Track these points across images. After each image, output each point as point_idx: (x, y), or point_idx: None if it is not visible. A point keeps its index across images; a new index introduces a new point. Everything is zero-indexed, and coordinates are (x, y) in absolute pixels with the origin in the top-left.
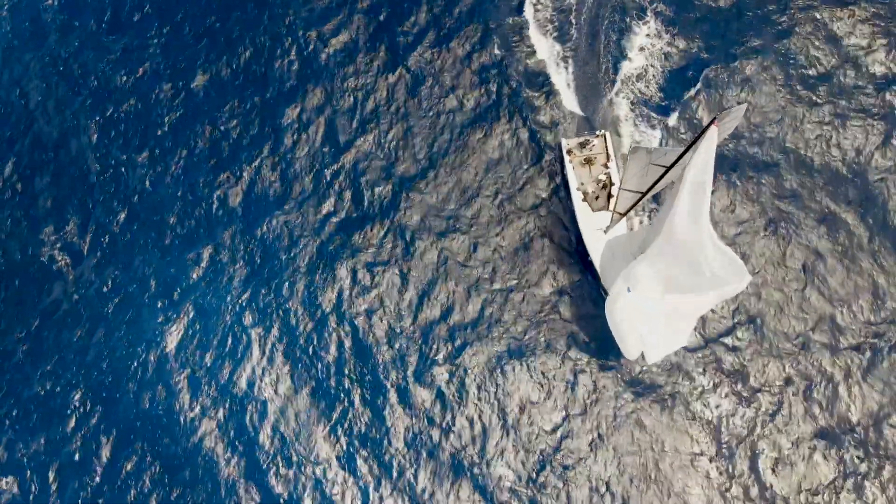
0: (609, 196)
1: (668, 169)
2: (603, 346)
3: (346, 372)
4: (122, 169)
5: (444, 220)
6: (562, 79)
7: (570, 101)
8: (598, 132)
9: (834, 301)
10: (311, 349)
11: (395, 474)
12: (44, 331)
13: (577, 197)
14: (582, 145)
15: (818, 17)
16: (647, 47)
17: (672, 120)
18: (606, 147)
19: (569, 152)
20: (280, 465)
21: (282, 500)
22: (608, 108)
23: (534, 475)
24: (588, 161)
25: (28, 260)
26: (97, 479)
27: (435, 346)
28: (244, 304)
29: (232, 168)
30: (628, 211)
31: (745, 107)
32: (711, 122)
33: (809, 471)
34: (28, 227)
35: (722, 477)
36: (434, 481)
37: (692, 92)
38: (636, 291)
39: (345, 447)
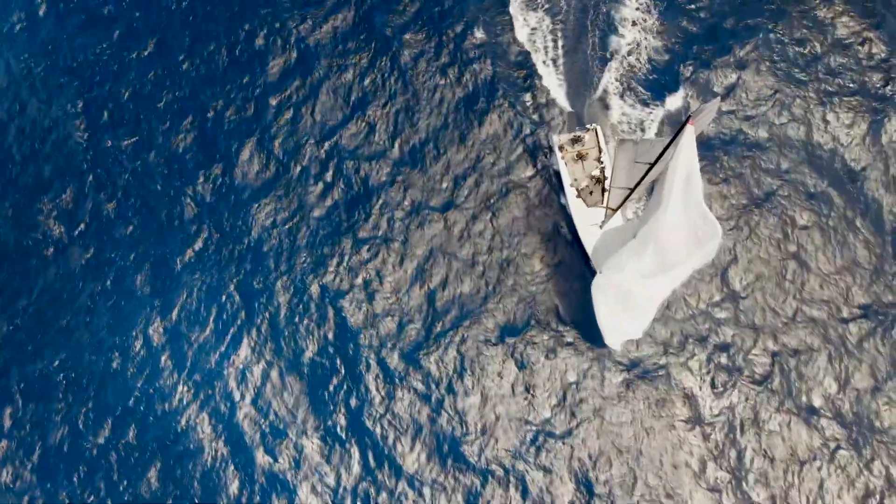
0: (604, 190)
1: (652, 166)
2: (592, 324)
3: (337, 347)
4: (114, 151)
5: (434, 199)
6: (549, 55)
7: (558, 78)
8: (588, 126)
9: (821, 276)
10: (302, 327)
11: (383, 449)
12: (33, 309)
13: (570, 193)
14: (573, 141)
15: None
16: (638, 21)
17: (663, 97)
18: (598, 141)
19: (560, 148)
20: (270, 440)
21: (271, 473)
22: (597, 84)
23: (522, 448)
24: (580, 156)
25: (21, 239)
26: (94, 451)
27: (425, 322)
28: (235, 283)
29: (224, 148)
30: (619, 206)
31: (719, 100)
32: (687, 120)
33: (795, 444)
34: (21, 209)
35: (708, 447)
36: (422, 454)
37: (683, 68)
38: (615, 277)
39: (333, 422)
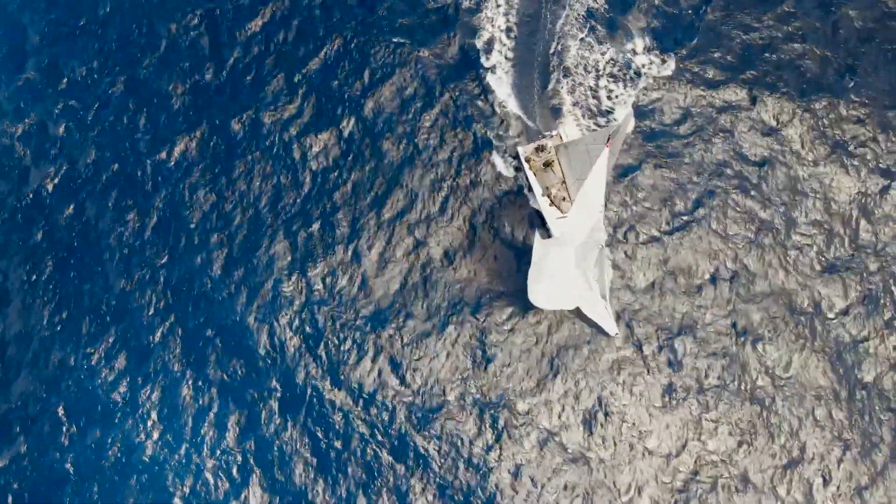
0: None
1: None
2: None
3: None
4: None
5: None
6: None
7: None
8: (551, 133)
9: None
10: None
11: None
12: None
13: (543, 203)
14: (538, 150)
15: None
16: None
17: (619, 37)
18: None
19: (527, 160)
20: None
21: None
22: (552, 28)
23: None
24: (547, 164)
25: None
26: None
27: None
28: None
29: (173, 135)
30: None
31: (632, 115)
32: (607, 142)
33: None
34: None
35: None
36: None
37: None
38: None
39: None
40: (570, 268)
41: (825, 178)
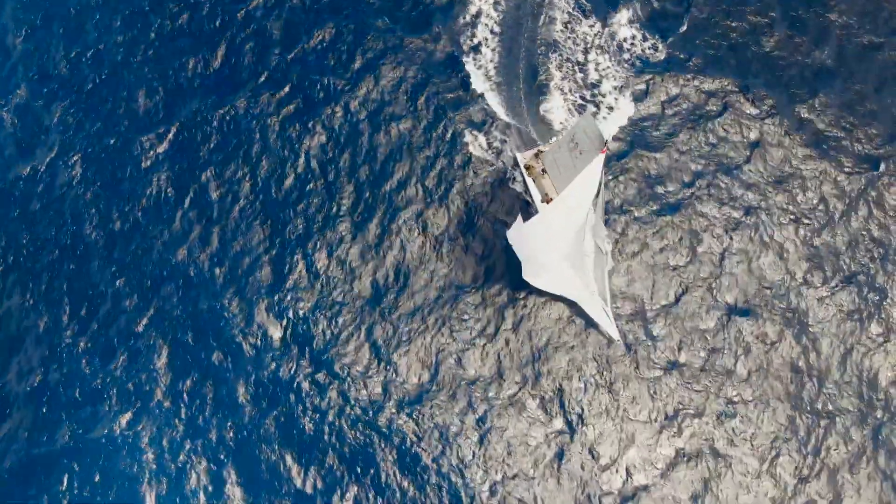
0: None
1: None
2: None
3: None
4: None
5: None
6: None
7: None
8: (550, 140)
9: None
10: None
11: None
12: None
13: (543, 209)
14: (537, 156)
15: None
16: None
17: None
18: None
19: (526, 167)
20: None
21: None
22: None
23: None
24: (545, 171)
25: None
26: None
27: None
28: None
29: (159, 121)
30: None
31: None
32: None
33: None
34: None
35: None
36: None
37: None
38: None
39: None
40: (564, 267)
41: (811, 164)
